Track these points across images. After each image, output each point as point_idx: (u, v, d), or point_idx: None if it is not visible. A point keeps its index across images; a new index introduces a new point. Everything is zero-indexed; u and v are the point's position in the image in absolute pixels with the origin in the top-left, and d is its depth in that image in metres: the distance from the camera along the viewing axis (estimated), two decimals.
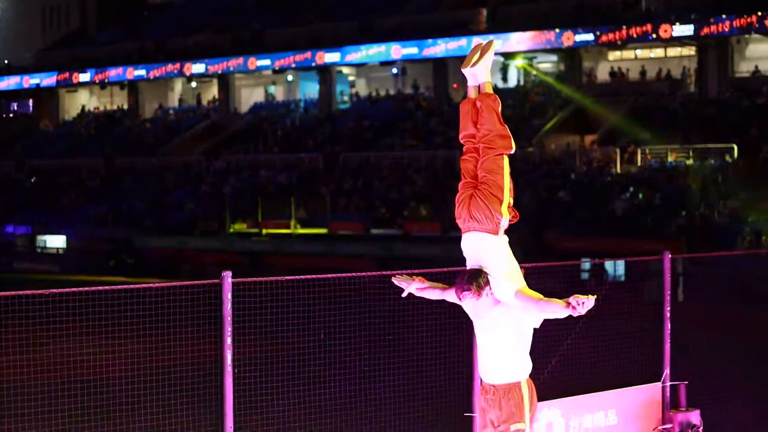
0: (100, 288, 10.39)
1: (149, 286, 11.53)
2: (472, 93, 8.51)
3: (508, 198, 8.30)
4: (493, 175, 8.28)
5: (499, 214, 8.20)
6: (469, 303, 8.03)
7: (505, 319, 8.10)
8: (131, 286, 11.18)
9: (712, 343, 18.55)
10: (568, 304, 7.78)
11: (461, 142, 8.58)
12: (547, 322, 8.34)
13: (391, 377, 13.08)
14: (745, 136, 43.58)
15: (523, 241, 39.04)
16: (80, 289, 10.24)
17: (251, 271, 38.84)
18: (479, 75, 8.47)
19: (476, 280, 7.98)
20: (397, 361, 13.02)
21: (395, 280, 8.45)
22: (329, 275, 12.11)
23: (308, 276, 11.96)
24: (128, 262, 48.09)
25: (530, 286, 8.44)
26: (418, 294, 8.43)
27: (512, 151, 8.41)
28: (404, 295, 8.40)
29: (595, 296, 7.92)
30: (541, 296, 8.03)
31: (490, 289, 8.01)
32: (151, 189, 57.64)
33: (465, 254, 8.34)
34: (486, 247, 8.26)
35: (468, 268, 8.22)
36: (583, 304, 7.72)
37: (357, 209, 47.82)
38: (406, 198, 47.33)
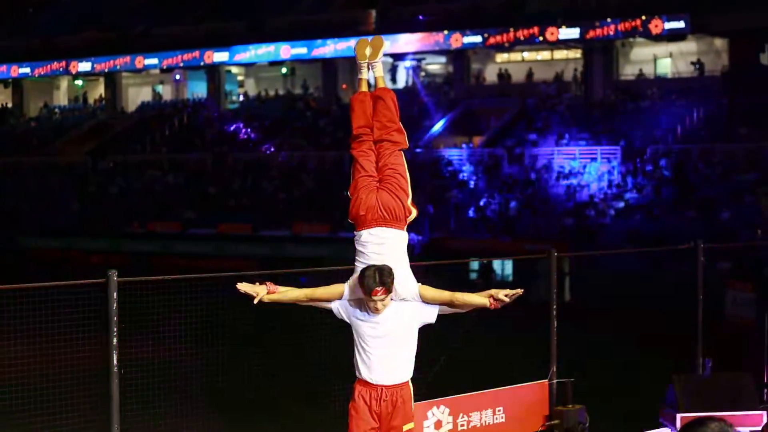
0: None
1: (31, 286, 11.30)
2: (364, 86, 8.49)
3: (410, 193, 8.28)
4: (400, 170, 8.22)
5: (408, 209, 8.14)
6: (378, 304, 7.88)
7: (403, 317, 8.05)
8: (12, 286, 10.94)
9: (596, 341, 18.84)
10: (489, 296, 7.83)
11: (356, 134, 8.40)
12: (436, 322, 8.33)
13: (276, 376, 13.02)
14: (629, 137, 44.30)
15: (413, 241, 39.28)
16: None
17: (139, 272, 38.29)
18: (377, 68, 8.48)
19: (388, 278, 7.78)
20: (283, 360, 12.96)
21: (240, 287, 8.20)
22: (214, 274, 12.01)
23: (194, 275, 11.85)
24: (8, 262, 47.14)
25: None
26: (268, 300, 8.27)
27: (407, 147, 8.42)
28: (255, 302, 8.21)
29: (521, 291, 7.93)
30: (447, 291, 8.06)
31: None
32: (36, 189, 56.65)
33: (367, 249, 8.10)
34: (394, 242, 8.11)
35: (371, 263, 7.97)
36: (504, 297, 7.83)
37: (245, 210, 47.56)
38: (295, 199, 47.23)
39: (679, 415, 12.95)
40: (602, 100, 49.65)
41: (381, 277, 7.73)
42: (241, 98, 65.55)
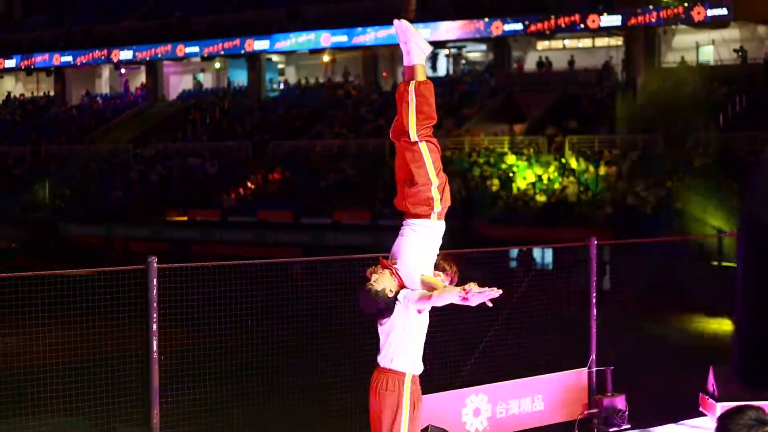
0: (20, 274, 10.24)
1: (74, 273, 11.40)
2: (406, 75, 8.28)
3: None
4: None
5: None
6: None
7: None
8: (54, 272, 11.04)
9: (637, 330, 18.76)
10: (464, 290, 7.62)
11: (434, 122, 8.26)
12: (473, 311, 8.31)
13: (314, 365, 13.05)
14: (671, 125, 44.02)
15: (451, 229, 39.22)
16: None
17: (180, 259, 38.53)
18: (413, 53, 8.16)
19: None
20: (322, 348, 13.00)
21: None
22: (255, 260, 12.04)
23: (234, 261, 11.89)
24: (52, 246, 47.52)
25: (459, 274, 8.44)
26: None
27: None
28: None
29: (498, 290, 7.79)
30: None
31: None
32: (78, 177, 57.02)
33: (438, 241, 8.22)
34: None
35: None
36: (476, 293, 7.57)
37: (286, 198, 47.66)
38: (336, 186, 47.27)
39: (718, 404, 12.88)
40: (644, 88, 49.30)
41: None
42: (282, 86, 65.63)
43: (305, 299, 14.55)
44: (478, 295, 7.62)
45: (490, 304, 7.78)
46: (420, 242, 8.00)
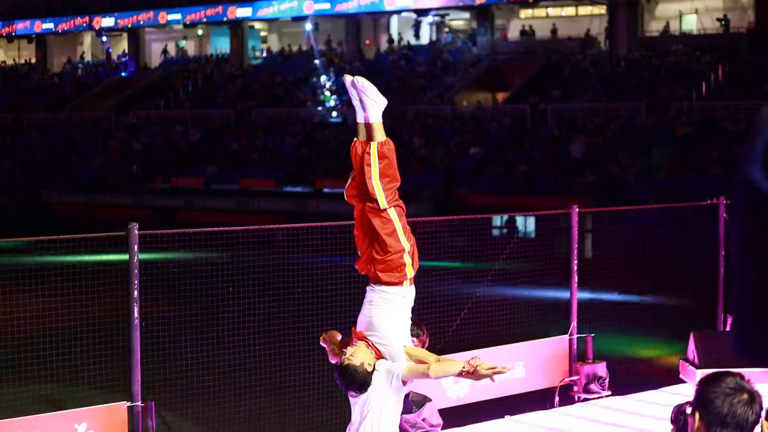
0: (1, 240, 10.21)
1: (55, 239, 11.36)
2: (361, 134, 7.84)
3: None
4: None
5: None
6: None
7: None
8: (36, 238, 11.01)
9: (617, 298, 18.81)
10: (470, 365, 7.28)
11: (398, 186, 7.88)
12: (453, 276, 8.32)
13: (300, 334, 13.04)
14: (653, 95, 44.07)
15: (434, 197, 39.24)
16: None
17: (162, 227, 38.43)
18: (370, 109, 7.72)
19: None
20: (305, 317, 12.99)
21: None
22: (236, 227, 12.03)
23: (216, 228, 11.87)
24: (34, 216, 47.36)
25: (442, 242, 8.41)
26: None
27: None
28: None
29: (508, 367, 7.60)
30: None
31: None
32: (60, 144, 56.79)
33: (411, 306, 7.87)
34: None
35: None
36: (486, 370, 7.27)
37: (268, 166, 47.59)
38: (318, 155, 47.21)
39: (698, 371, 12.95)
40: (627, 57, 49.31)
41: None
42: (264, 54, 65.41)
43: (288, 266, 14.54)
44: (487, 372, 7.32)
45: (495, 381, 7.58)
46: (395, 311, 7.61)
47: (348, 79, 7.75)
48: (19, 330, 12.46)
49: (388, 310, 7.60)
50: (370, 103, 7.69)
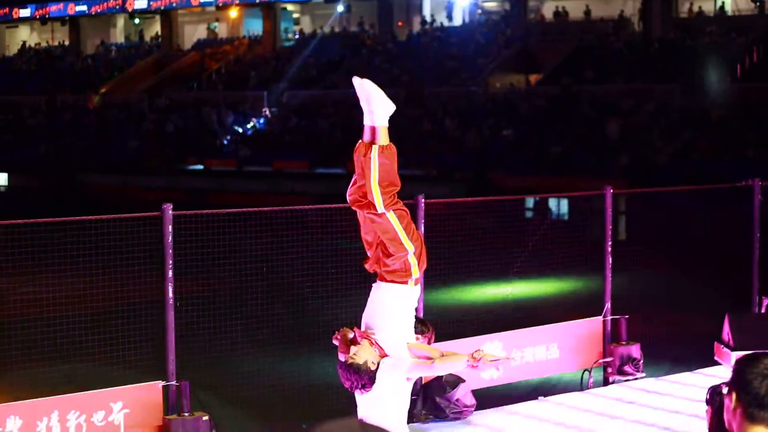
0: (37, 220, 10.27)
1: (89, 219, 11.42)
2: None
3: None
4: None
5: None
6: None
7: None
8: (70, 219, 11.06)
9: (651, 279, 18.73)
10: (473, 359, 7.42)
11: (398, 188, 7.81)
12: (489, 256, 8.31)
13: (329, 312, 13.06)
14: (687, 76, 43.77)
15: (467, 179, 39.17)
16: (17, 221, 10.11)
17: (195, 208, 38.54)
18: (377, 113, 7.81)
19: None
20: (336, 295, 13.00)
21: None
22: (268, 208, 12.05)
23: (248, 209, 11.90)
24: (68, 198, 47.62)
25: (474, 223, 8.39)
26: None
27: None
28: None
29: (511, 357, 7.60)
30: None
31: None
32: (93, 127, 57.01)
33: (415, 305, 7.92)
34: None
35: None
36: (489, 362, 7.44)
37: (301, 147, 47.60)
38: (351, 136, 47.16)
39: (733, 353, 12.89)
40: (661, 38, 48.99)
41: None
42: (297, 36, 65.40)
43: (320, 247, 14.55)
44: (490, 362, 7.47)
45: (500, 370, 7.58)
46: (399, 309, 7.65)
47: (356, 81, 7.89)
48: (55, 310, 12.54)
49: (393, 308, 7.64)
50: (377, 106, 7.77)
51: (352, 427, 2.39)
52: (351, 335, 7.74)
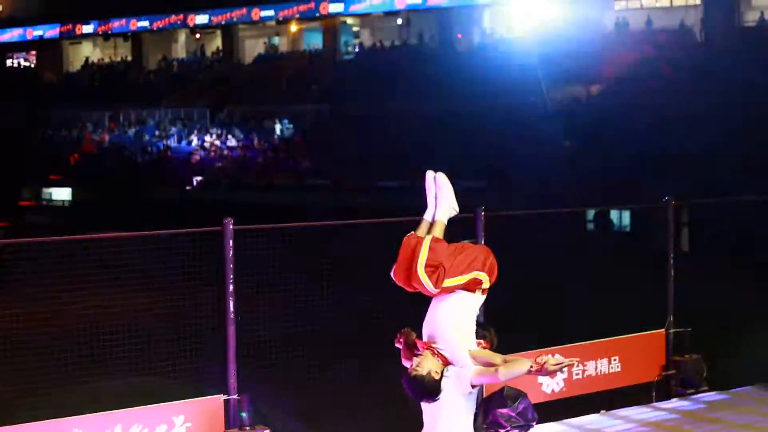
0: (95, 236, 10.36)
1: (149, 234, 11.49)
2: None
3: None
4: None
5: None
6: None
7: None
8: (130, 234, 11.14)
9: (716, 291, 18.54)
10: (537, 364, 7.44)
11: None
12: (545, 263, 8.26)
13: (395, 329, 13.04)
14: (751, 85, 43.27)
15: (527, 191, 38.98)
16: (75, 237, 10.20)
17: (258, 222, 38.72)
18: (441, 209, 7.87)
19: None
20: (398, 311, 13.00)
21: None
22: (331, 222, 12.05)
23: (309, 223, 11.91)
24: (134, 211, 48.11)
25: (533, 236, 8.36)
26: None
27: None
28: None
29: (576, 360, 7.59)
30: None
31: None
32: (156, 141, 57.53)
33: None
34: None
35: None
36: (554, 366, 7.44)
37: (364, 161, 47.63)
38: (412, 149, 47.11)
39: None
40: (724, 47, 48.48)
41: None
42: (357, 49, 65.55)
43: (378, 261, 14.53)
44: (555, 366, 7.46)
45: (564, 373, 7.59)
46: (464, 318, 7.68)
47: (430, 174, 7.95)
48: (117, 323, 12.63)
49: (457, 317, 7.64)
50: (443, 201, 7.85)
51: None
52: (414, 336, 7.77)
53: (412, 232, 7.84)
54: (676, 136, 40.73)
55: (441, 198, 7.84)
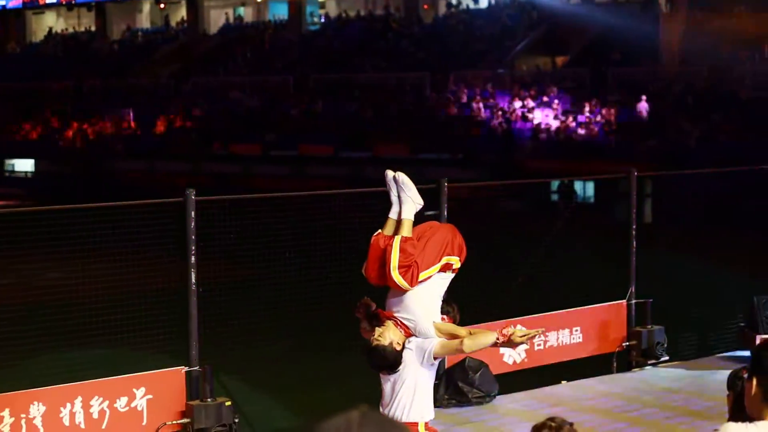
0: (57, 207, 10.29)
1: (111, 205, 11.43)
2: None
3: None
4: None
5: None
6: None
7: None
8: (92, 205, 11.08)
9: (676, 263, 18.64)
10: (503, 336, 7.47)
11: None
12: (512, 240, 8.27)
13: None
14: (715, 58, 43.43)
15: (493, 161, 39.06)
16: (37, 208, 10.13)
17: (220, 193, 38.66)
18: (406, 206, 7.85)
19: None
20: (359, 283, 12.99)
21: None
22: (292, 193, 12.03)
23: (270, 194, 11.88)
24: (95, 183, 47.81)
25: (499, 207, 8.38)
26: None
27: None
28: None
29: (541, 330, 7.64)
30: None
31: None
32: (120, 112, 57.13)
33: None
34: None
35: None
36: (520, 337, 7.48)
37: (326, 131, 47.56)
38: (376, 120, 47.12)
39: (758, 336, 12.82)
40: (687, 19, 48.58)
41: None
42: (323, 20, 65.31)
43: (346, 233, 14.52)
44: (521, 339, 7.51)
45: (530, 345, 7.65)
46: (429, 291, 7.76)
47: (389, 174, 8.00)
48: (78, 296, 12.57)
49: (424, 291, 7.71)
50: (407, 199, 7.86)
51: (351, 421, 2.36)
52: (373, 307, 7.79)
53: (379, 231, 7.90)
54: (645, 103, 40.85)
55: (404, 197, 7.87)
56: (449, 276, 7.85)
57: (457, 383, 12.14)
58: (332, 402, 12.07)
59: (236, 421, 11.04)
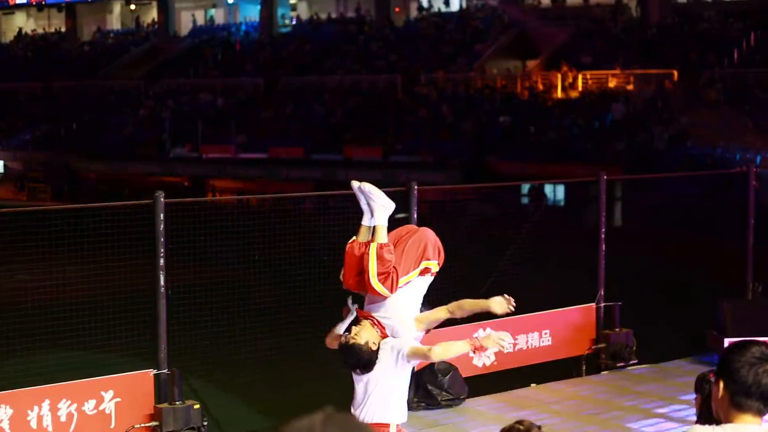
0: (26, 209, 10.23)
1: (80, 207, 11.39)
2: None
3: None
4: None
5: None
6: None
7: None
8: (62, 206, 11.03)
9: (645, 266, 18.72)
10: (476, 343, 7.52)
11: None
12: (483, 239, 8.29)
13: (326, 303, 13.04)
14: (685, 61, 43.67)
15: (463, 165, 39.11)
16: (8, 210, 10.08)
17: (191, 195, 38.61)
18: (378, 213, 7.85)
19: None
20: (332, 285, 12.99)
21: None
22: (263, 195, 12.01)
23: (240, 196, 11.86)
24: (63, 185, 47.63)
25: (471, 210, 8.41)
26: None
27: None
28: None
29: (509, 336, 7.71)
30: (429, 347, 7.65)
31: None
32: (90, 113, 56.90)
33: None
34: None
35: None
36: (495, 340, 7.51)
37: (297, 134, 47.52)
38: (347, 123, 47.11)
39: (726, 340, 12.87)
40: (658, 23, 48.86)
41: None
42: (294, 22, 65.25)
43: (317, 235, 14.52)
44: (493, 343, 7.52)
45: (504, 349, 7.72)
46: (408, 295, 7.83)
47: (355, 185, 7.96)
48: (47, 298, 12.51)
49: (402, 293, 7.76)
50: (378, 207, 7.85)
51: (314, 423, 2.36)
52: (354, 306, 7.84)
53: (354, 238, 7.92)
54: (620, 105, 41.01)
55: (374, 205, 7.86)
56: (428, 279, 7.92)
57: (426, 386, 12.15)
58: (301, 404, 12.05)
59: (205, 423, 11.02)
